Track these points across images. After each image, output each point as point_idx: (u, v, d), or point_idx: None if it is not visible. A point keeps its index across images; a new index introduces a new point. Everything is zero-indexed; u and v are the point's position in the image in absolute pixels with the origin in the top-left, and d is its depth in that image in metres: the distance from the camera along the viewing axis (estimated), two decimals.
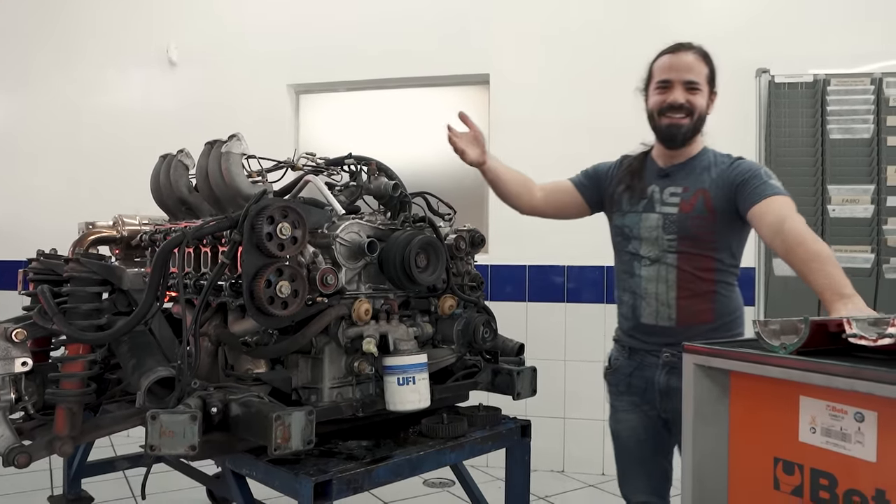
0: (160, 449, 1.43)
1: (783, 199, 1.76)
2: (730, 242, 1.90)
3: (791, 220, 1.67)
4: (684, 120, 1.88)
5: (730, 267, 1.93)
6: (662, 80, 1.90)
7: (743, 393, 1.10)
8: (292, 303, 1.59)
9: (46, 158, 4.55)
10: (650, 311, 1.93)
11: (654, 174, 1.98)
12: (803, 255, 1.57)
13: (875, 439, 0.91)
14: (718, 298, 1.89)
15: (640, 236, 1.95)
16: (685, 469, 1.14)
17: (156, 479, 3.30)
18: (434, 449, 1.76)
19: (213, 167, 1.80)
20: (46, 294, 1.71)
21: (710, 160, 1.93)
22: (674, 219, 1.89)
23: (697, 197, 1.88)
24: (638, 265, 1.95)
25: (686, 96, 1.87)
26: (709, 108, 1.93)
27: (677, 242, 1.88)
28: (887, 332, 0.91)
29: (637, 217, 1.96)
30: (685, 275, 1.88)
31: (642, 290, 1.94)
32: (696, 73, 1.87)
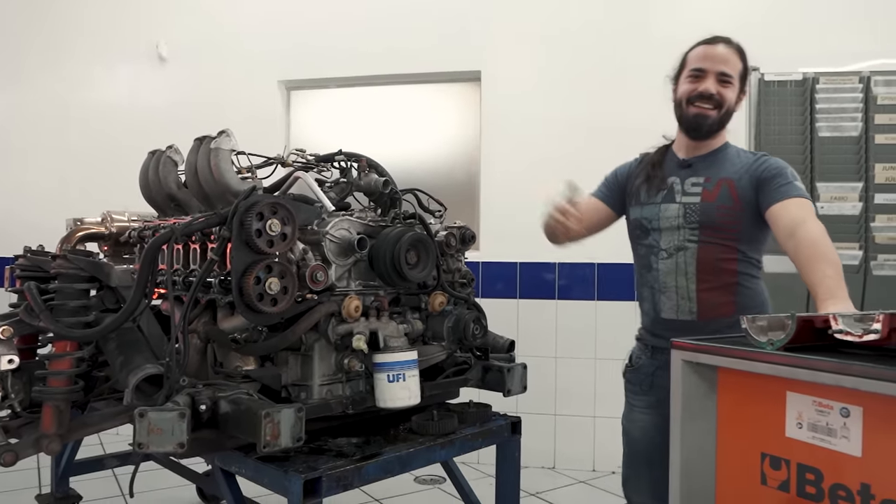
0: (148, 447, 1.42)
1: (803, 201, 1.75)
2: (753, 234, 1.87)
3: (807, 224, 1.66)
4: (712, 111, 1.86)
5: (752, 259, 1.89)
6: (696, 68, 1.87)
7: (730, 388, 1.11)
8: (282, 300, 1.59)
9: (35, 155, 4.51)
10: (670, 306, 1.91)
11: (674, 165, 1.97)
12: (809, 255, 1.58)
13: (860, 434, 0.92)
14: (741, 290, 1.86)
15: (659, 227, 1.93)
16: (673, 464, 1.14)
17: (146, 477, 3.30)
18: (424, 446, 1.76)
19: (202, 163, 1.79)
20: (33, 291, 1.70)
21: (733, 154, 1.93)
22: (695, 208, 1.87)
23: (721, 186, 1.86)
24: (655, 259, 1.94)
25: (717, 87, 1.85)
26: (737, 104, 1.91)
27: (699, 231, 1.86)
28: (872, 328, 0.91)
29: (656, 208, 1.94)
30: (705, 265, 1.85)
31: (661, 283, 1.92)
32: (731, 67, 1.86)
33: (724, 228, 1.85)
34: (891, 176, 3.48)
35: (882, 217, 3.47)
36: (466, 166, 4.04)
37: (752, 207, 1.84)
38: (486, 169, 3.92)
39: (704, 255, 1.85)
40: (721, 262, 1.85)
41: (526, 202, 3.90)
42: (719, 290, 1.84)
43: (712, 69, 1.86)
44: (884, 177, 3.49)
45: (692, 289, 1.86)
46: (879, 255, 3.46)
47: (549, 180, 2.17)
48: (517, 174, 3.79)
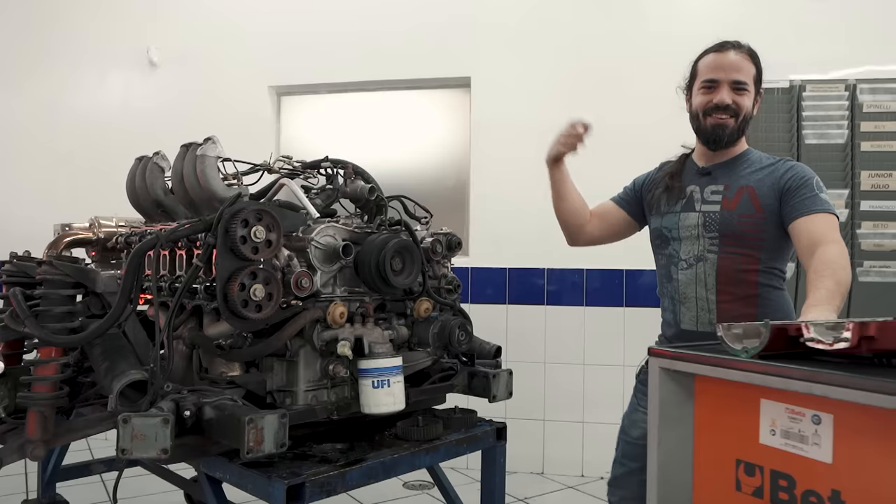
0: (132, 452, 1.42)
1: (830, 217, 1.71)
2: (777, 243, 1.82)
3: (830, 245, 1.63)
4: (730, 121, 1.83)
5: (774, 269, 1.84)
6: (709, 79, 1.85)
7: (707, 396, 1.12)
8: (266, 306, 1.59)
9: (26, 160, 4.51)
10: (690, 317, 1.88)
11: (693, 174, 1.94)
12: (819, 268, 1.56)
13: (831, 441, 0.93)
14: (763, 302, 1.81)
15: (679, 237, 1.91)
16: (650, 470, 1.16)
17: (134, 483, 3.30)
18: (408, 452, 1.76)
19: (188, 170, 1.80)
20: (18, 297, 1.70)
21: (755, 160, 1.89)
22: (715, 217, 1.84)
23: (741, 194, 1.81)
24: (675, 269, 1.92)
25: (733, 97, 1.82)
26: (754, 108, 1.89)
27: (719, 241, 1.83)
28: (842, 337, 0.93)
29: (675, 217, 1.92)
30: (726, 276, 1.82)
31: (681, 294, 1.90)
32: (745, 74, 1.83)
33: (745, 238, 1.81)
34: (876, 183, 3.51)
35: (868, 224, 3.50)
36: (456, 172, 4.06)
37: (775, 216, 1.79)
38: (475, 175, 3.94)
39: (725, 265, 1.82)
40: (742, 273, 1.81)
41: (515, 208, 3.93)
42: (741, 302, 1.81)
43: (726, 79, 1.82)
44: (869, 184, 3.52)
45: (712, 300, 1.83)
46: (865, 261, 3.49)
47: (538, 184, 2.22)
48: (506, 180, 3.80)
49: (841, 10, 3.65)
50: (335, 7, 4.13)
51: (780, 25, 3.67)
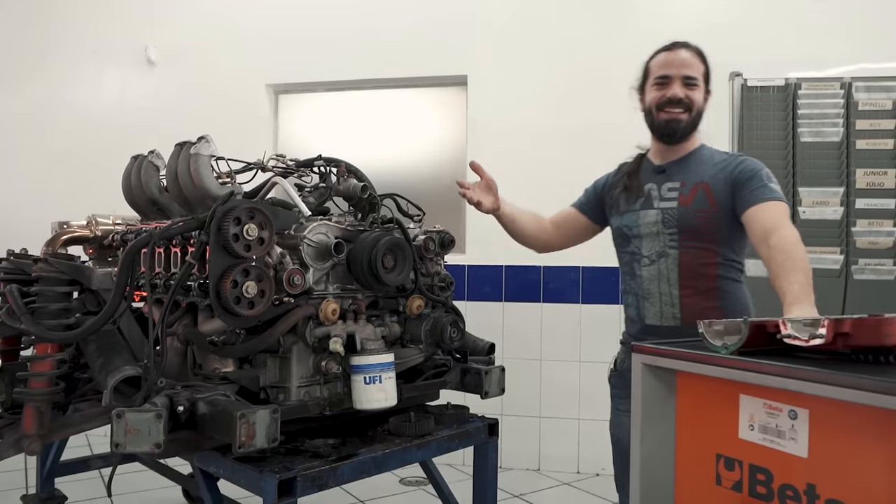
0: (125, 447, 1.44)
1: (779, 205, 1.76)
2: (732, 236, 1.87)
3: (783, 228, 1.68)
4: (683, 115, 1.89)
5: (733, 262, 1.90)
6: (661, 75, 1.91)
7: (688, 392, 1.14)
8: (259, 303, 1.61)
9: (23, 157, 4.53)
10: (654, 312, 1.93)
11: (650, 172, 1.99)
12: (782, 262, 1.59)
13: (807, 436, 0.95)
14: (723, 295, 1.87)
15: (640, 234, 1.95)
16: (633, 465, 1.17)
17: (132, 479, 3.32)
18: (400, 447, 1.78)
19: (182, 168, 1.82)
20: (14, 294, 1.72)
21: (708, 156, 1.94)
22: (673, 213, 1.89)
23: (696, 190, 1.87)
24: (638, 266, 1.96)
25: (685, 91, 1.88)
26: (705, 104, 1.95)
27: (678, 236, 1.88)
28: (818, 333, 0.95)
29: (635, 215, 1.96)
30: (687, 270, 1.87)
31: (644, 290, 1.94)
32: (694, 70, 1.90)
33: (702, 232, 1.86)
34: (871, 181, 3.52)
35: (863, 222, 3.51)
36: (452, 170, 4.07)
37: (728, 210, 1.84)
38: (471, 172, 3.94)
39: (686, 260, 1.87)
40: (702, 267, 1.86)
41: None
42: (702, 295, 1.85)
43: (677, 74, 1.89)
44: (865, 182, 3.52)
45: (675, 294, 1.88)
46: (860, 259, 3.50)
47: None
48: (503, 178, 3.80)
49: (836, 8, 3.66)
50: (332, 6, 4.14)
51: (774, 23, 3.69)
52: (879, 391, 0.83)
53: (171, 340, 1.79)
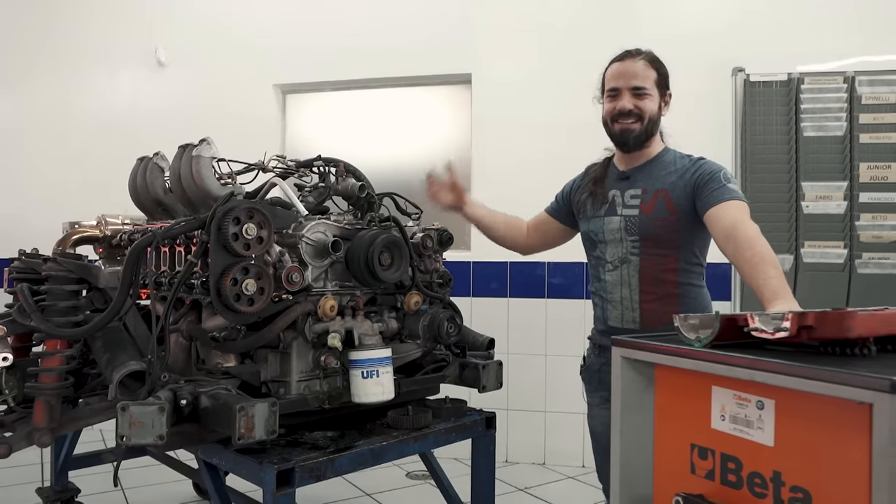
0: (130, 438, 1.50)
1: (739, 203, 1.79)
2: (692, 241, 1.93)
3: (743, 224, 1.71)
4: (635, 125, 1.93)
5: (694, 266, 1.95)
6: (611, 87, 1.96)
7: (665, 384, 1.17)
8: (258, 300, 1.67)
9: (38, 158, 4.62)
10: (616, 315, 1.98)
11: (615, 178, 2.03)
12: (750, 258, 1.62)
13: (773, 425, 0.98)
14: (684, 301, 1.91)
15: (605, 240, 2.00)
16: (614, 455, 1.21)
17: (144, 473, 3.40)
18: (397, 439, 1.83)
19: (184, 170, 1.88)
20: (25, 292, 1.79)
21: (670, 161, 1.97)
22: (635, 220, 1.93)
23: (657, 198, 1.91)
24: (602, 270, 2.01)
25: (634, 102, 1.92)
26: (662, 109, 1.97)
27: (640, 243, 1.92)
28: (782, 326, 0.98)
29: (600, 221, 2.01)
30: (648, 277, 1.92)
31: (608, 293, 1.99)
32: (643, 79, 1.92)
33: (663, 240, 1.90)
34: (875, 175, 3.53)
35: (867, 216, 3.51)
36: (458, 167, 4.10)
37: (688, 216, 1.88)
38: (476, 169, 4.00)
39: (646, 267, 1.92)
40: (663, 274, 1.91)
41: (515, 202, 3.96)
42: (662, 301, 1.90)
43: (626, 86, 1.92)
44: (868, 176, 3.53)
45: (636, 300, 1.93)
46: (864, 253, 3.51)
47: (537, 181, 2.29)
48: (507, 174, 3.86)
49: (839, 2, 3.65)
50: (337, 7, 4.19)
51: (777, 18, 3.69)
52: (837, 382, 0.86)
53: (176, 337, 1.85)
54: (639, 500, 1.19)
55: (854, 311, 0.96)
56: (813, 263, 3.55)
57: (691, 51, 3.74)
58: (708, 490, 1.08)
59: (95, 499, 2.96)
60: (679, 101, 3.82)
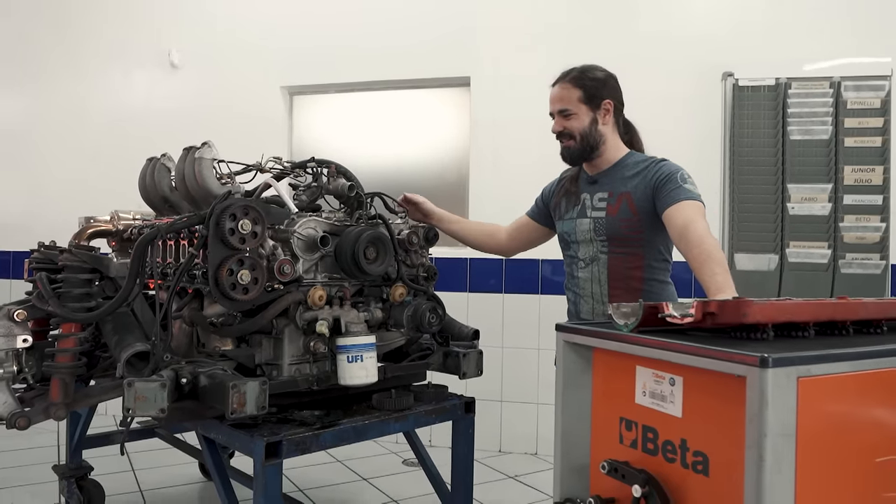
0: (135, 411, 1.68)
1: (693, 203, 1.93)
2: (656, 240, 2.07)
3: (694, 224, 1.85)
4: (570, 142, 2.13)
5: (660, 263, 2.10)
6: (550, 113, 2.19)
7: (601, 365, 1.32)
8: (252, 289, 1.83)
9: (56, 156, 4.84)
10: (587, 309, 2.15)
11: (585, 182, 2.20)
12: (698, 255, 1.77)
13: (681, 399, 1.13)
14: (648, 296, 2.05)
15: (577, 240, 2.16)
16: (556, 429, 1.36)
17: (154, 455, 3.60)
18: (379, 419, 1.99)
19: (188, 171, 2.05)
20: (43, 280, 1.98)
21: (632, 164, 2.12)
22: (602, 222, 2.09)
23: (621, 200, 2.07)
24: (576, 268, 2.18)
25: (562, 123, 2.12)
26: (600, 121, 2.11)
27: (607, 243, 2.09)
28: (688, 313, 1.13)
29: (573, 223, 2.18)
30: (616, 273, 2.08)
31: (581, 289, 2.16)
32: (566, 101, 2.11)
33: (628, 239, 2.06)
34: (859, 178, 3.64)
35: (850, 217, 3.62)
36: (457, 168, 4.27)
37: (650, 216, 2.03)
38: (474, 171, 4.15)
39: (614, 265, 2.08)
40: (629, 271, 2.07)
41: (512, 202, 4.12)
42: (628, 296, 2.04)
43: (554, 110, 2.15)
44: (853, 178, 3.64)
45: (605, 294, 2.10)
46: (847, 253, 3.62)
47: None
48: (504, 175, 4.00)
49: (826, 8, 3.76)
50: (342, 11, 4.35)
51: (766, 24, 3.80)
52: (720, 358, 1.01)
53: (179, 322, 2.02)
54: (578, 468, 1.35)
55: (751, 300, 1.10)
56: (798, 263, 3.67)
57: (682, 56, 3.87)
58: (632, 457, 1.23)
59: (107, 477, 3.15)
60: (669, 104, 3.96)
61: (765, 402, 0.93)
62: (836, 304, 1.21)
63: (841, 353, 1.02)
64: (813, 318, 1.17)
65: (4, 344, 1.91)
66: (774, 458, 0.93)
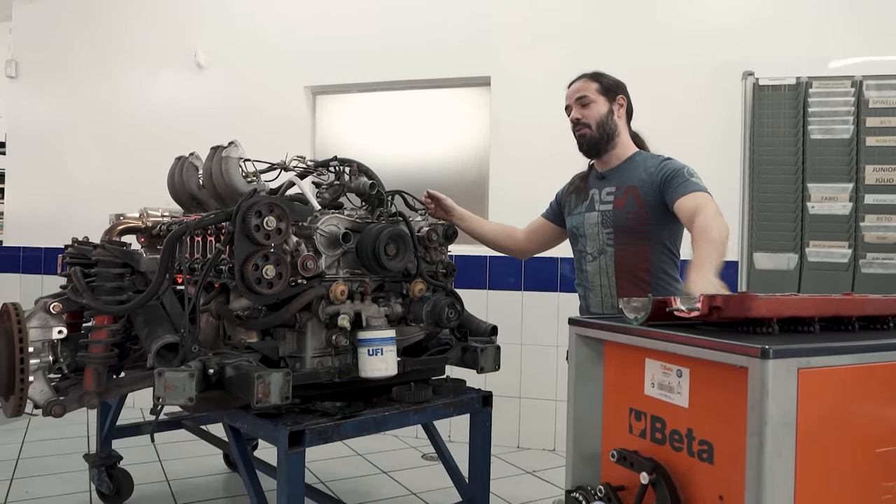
0: (165, 399, 1.75)
1: (701, 194, 1.99)
2: (661, 233, 2.13)
3: (705, 209, 1.90)
4: (586, 130, 2.20)
5: (668, 256, 2.15)
6: (566, 107, 2.29)
7: (612, 357, 1.37)
8: (277, 283, 1.90)
9: (85, 156, 4.97)
10: (597, 301, 2.21)
11: (595, 179, 2.28)
12: (697, 236, 1.82)
13: (688, 390, 1.17)
14: (656, 289, 2.10)
15: (585, 234, 2.23)
16: (569, 419, 1.41)
17: (181, 447, 3.70)
18: (398, 411, 2.05)
19: (215, 169, 2.12)
20: (78, 274, 2.06)
21: (640, 161, 2.20)
22: (609, 214, 2.16)
23: (628, 194, 2.14)
24: (584, 261, 2.24)
25: (580, 111, 2.21)
26: (615, 112, 2.22)
27: (614, 236, 2.15)
28: (695, 307, 1.17)
29: (581, 217, 2.25)
30: (623, 265, 2.14)
31: (590, 283, 2.22)
32: (584, 90, 2.22)
33: (634, 231, 2.12)
34: (881, 177, 3.62)
35: (871, 217, 3.61)
36: (477, 166, 4.32)
37: (655, 209, 2.09)
38: (494, 169, 4.19)
39: (621, 256, 2.14)
40: (636, 262, 2.13)
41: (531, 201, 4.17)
42: (637, 287, 2.10)
43: (571, 102, 2.25)
44: (874, 178, 3.63)
45: (613, 286, 2.15)
46: (868, 253, 3.61)
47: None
48: (524, 174, 4.04)
49: (848, 7, 3.75)
50: (363, 11, 4.42)
51: (788, 24, 3.80)
52: (724, 350, 1.05)
53: (206, 315, 2.10)
54: (589, 457, 1.39)
55: (756, 294, 1.14)
56: (818, 263, 3.66)
57: (702, 53, 3.88)
58: (641, 447, 1.27)
59: (136, 467, 3.24)
60: (689, 103, 3.97)
61: (765, 391, 0.97)
62: (840, 300, 1.25)
63: (841, 346, 1.05)
64: (818, 314, 1.20)
65: (41, 335, 2.00)
66: (775, 445, 0.97)
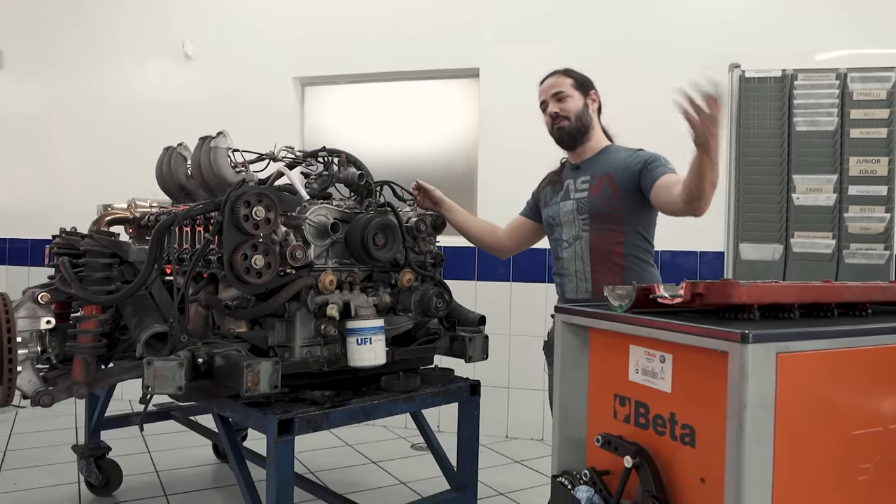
0: (154, 389, 1.76)
1: (677, 175, 2.06)
2: (636, 219, 2.18)
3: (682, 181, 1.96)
4: (564, 122, 2.27)
5: (641, 242, 2.21)
6: (541, 102, 2.35)
7: (597, 344, 1.39)
8: (265, 273, 1.91)
9: (71, 145, 4.94)
10: (572, 287, 2.26)
11: (569, 170, 2.34)
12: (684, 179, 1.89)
13: (671, 375, 1.20)
14: (629, 273, 2.17)
15: (560, 223, 2.28)
16: (555, 405, 1.43)
17: (170, 438, 3.70)
18: (387, 399, 2.07)
19: (203, 159, 2.12)
20: (66, 264, 2.06)
21: (613, 151, 2.27)
22: (584, 201, 2.21)
23: (603, 181, 2.19)
24: (560, 249, 2.30)
25: (557, 106, 2.27)
26: (589, 106, 2.29)
27: (589, 221, 2.20)
28: (678, 293, 1.19)
29: (556, 207, 2.30)
30: (597, 249, 2.19)
31: (565, 269, 2.28)
32: (559, 85, 2.28)
33: (609, 215, 2.17)
34: (864, 168, 3.67)
35: (855, 208, 3.66)
36: (466, 158, 4.33)
37: (629, 195, 2.15)
38: (483, 161, 4.21)
39: (596, 241, 2.19)
40: (610, 245, 2.18)
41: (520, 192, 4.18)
42: (610, 273, 2.16)
43: (547, 97, 2.30)
44: (857, 169, 3.67)
45: (588, 271, 2.21)
46: (852, 244, 3.66)
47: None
48: (513, 164, 4.06)
49: (834, 1, 3.78)
50: (353, 1, 4.41)
51: (773, 16, 3.83)
52: (705, 335, 1.08)
53: (195, 305, 2.10)
54: (575, 442, 1.41)
55: (737, 281, 1.16)
56: (802, 253, 3.71)
57: (688, 46, 3.90)
58: (625, 432, 1.29)
59: (124, 458, 3.25)
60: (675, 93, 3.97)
61: (745, 375, 0.99)
62: (819, 287, 1.27)
63: (818, 331, 1.08)
64: (798, 300, 1.23)
65: (29, 325, 2.00)
66: (753, 428, 1.00)
